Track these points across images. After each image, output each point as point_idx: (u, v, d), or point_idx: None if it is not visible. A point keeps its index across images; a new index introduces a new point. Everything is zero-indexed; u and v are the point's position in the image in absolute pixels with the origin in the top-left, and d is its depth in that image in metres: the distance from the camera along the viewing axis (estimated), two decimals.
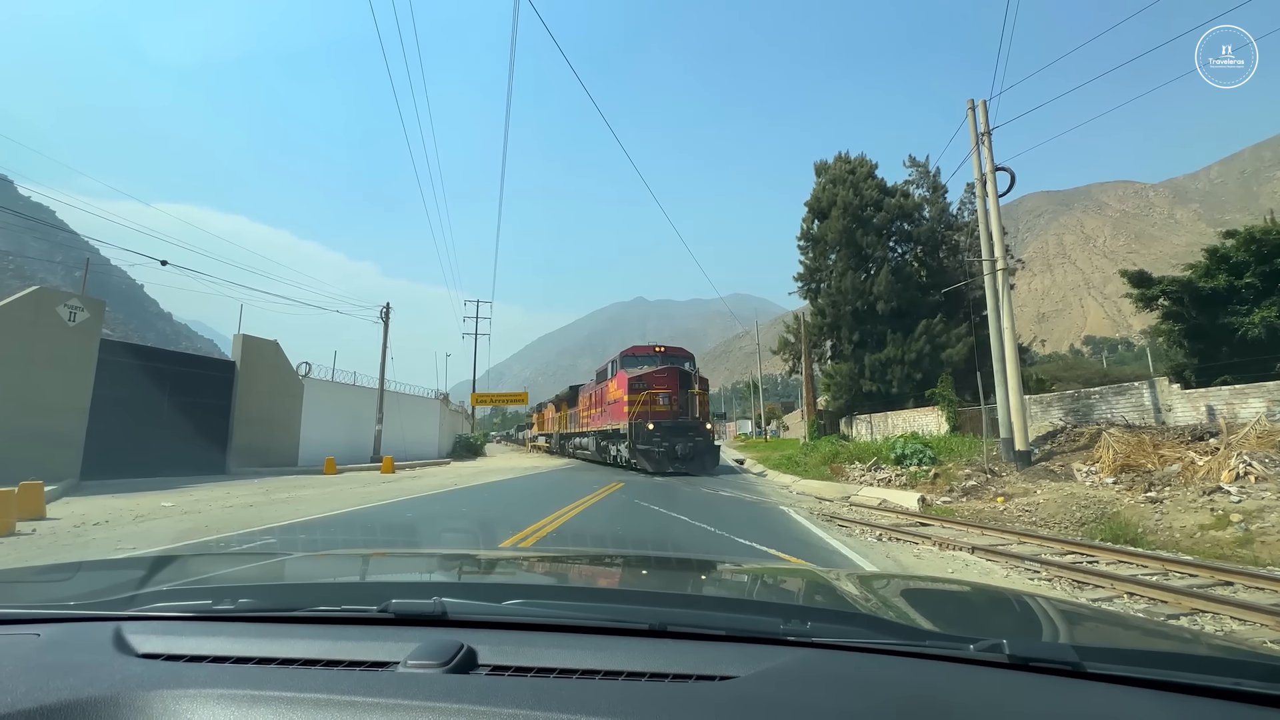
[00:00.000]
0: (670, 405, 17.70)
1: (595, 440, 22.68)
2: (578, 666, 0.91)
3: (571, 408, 29.41)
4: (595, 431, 22.49)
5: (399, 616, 1.09)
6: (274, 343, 20.52)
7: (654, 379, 18.02)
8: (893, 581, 2.18)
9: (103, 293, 18.14)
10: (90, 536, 6.94)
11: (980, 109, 14.84)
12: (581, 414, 26.02)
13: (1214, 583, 5.36)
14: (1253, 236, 13.71)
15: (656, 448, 16.65)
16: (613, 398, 19.75)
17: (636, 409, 17.34)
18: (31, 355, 12.84)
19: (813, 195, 28.21)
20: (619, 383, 18.95)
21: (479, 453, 35.79)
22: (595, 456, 23.17)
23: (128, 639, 1.04)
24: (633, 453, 17.31)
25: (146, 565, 1.68)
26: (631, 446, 17.29)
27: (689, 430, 17.32)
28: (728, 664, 0.92)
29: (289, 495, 11.62)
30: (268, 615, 1.16)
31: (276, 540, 6.56)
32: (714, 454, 18.12)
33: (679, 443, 16.79)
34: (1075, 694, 0.86)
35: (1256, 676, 0.87)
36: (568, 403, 30.81)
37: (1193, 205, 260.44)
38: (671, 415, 17.56)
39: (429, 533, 7.15)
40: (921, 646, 0.97)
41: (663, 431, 16.88)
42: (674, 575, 1.93)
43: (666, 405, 17.64)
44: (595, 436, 22.61)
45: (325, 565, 2.02)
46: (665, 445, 16.67)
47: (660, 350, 20.29)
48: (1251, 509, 7.41)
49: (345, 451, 22.80)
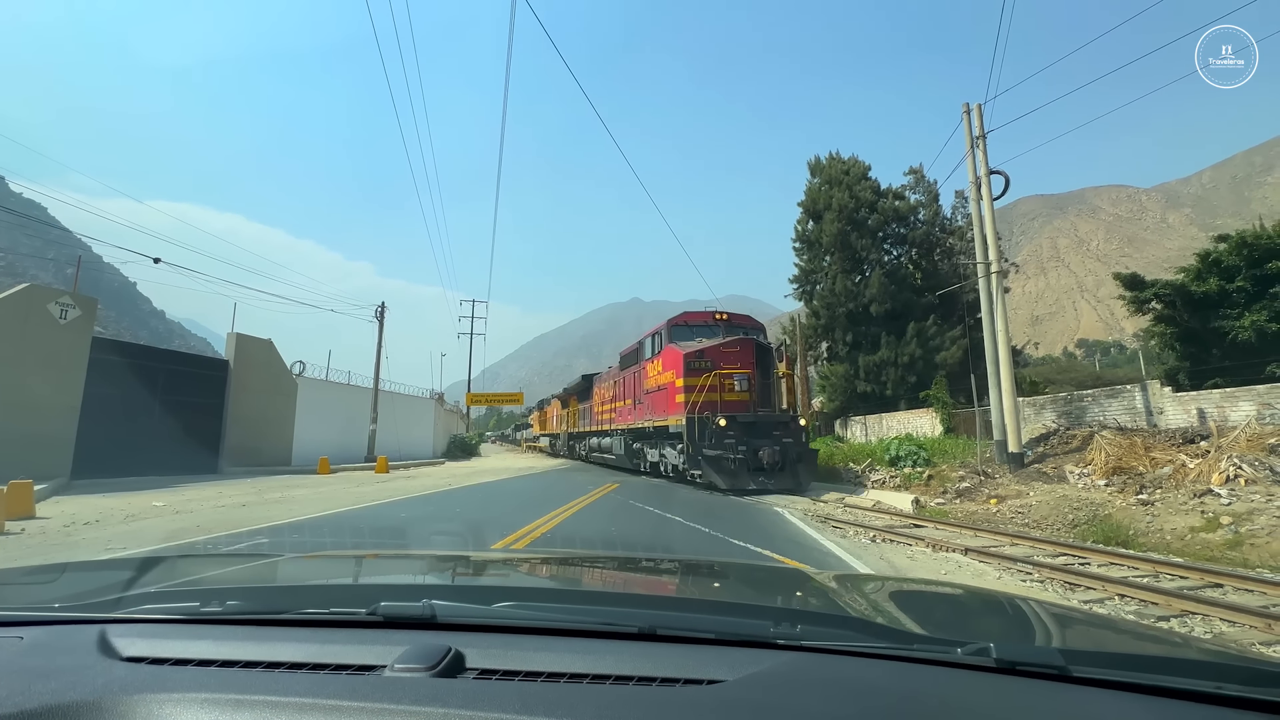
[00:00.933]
0: (749, 392, 12.91)
1: (624, 441, 17.73)
2: (566, 670, 0.91)
3: (584, 402, 24.78)
4: (625, 430, 17.65)
5: (387, 619, 1.09)
6: (268, 341, 20.42)
7: (722, 355, 13.13)
8: (884, 584, 2.18)
9: (95, 290, 18.04)
10: (80, 536, 6.88)
11: (975, 113, 14.92)
12: (600, 409, 21.20)
13: (1204, 585, 5.40)
14: (1243, 241, 13.84)
15: (731, 453, 11.71)
16: (655, 383, 14.87)
17: (698, 398, 12.49)
18: (22, 353, 12.72)
19: (807, 195, 28.27)
20: (668, 362, 14.10)
21: (474, 453, 35.74)
22: (624, 462, 18.11)
23: (112, 642, 1.03)
24: (692, 460, 12.39)
25: (133, 567, 1.67)
26: (690, 451, 12.39)
27: (775, 428, 12.55)
28: (715, 668, 0.92)
29: (282, 495, 11.56)
30: (255, 618, 1.15)
31: (268, 541, 6.52)
32: (811, 461, 12.86)
33: (763, 445, 11.92)
34: (1060, 697, 0.87)
35: (1239, 680, 0.87)
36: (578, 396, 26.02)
37: (1185, 210, 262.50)
38: (750, 406, 12.82)
39: (420, 534, 7.12)
40: (910, 650, 0.97)
41: (739, 429, 12.06)
42: (665, 577, 1.93)
43: (744, 392, 12.82)
44: (624, 436, 17.75)
45: (315, 567, 2.01)
46: (744, 449, 11.79)
47: (723, 317, 14.98)
48: (1241, 511, 7.47)
49: (339, 451, 22.70)
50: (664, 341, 14.81)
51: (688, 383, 12.77)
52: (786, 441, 12.29)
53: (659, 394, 14.53)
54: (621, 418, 18.03)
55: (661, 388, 14.36)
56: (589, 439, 23.29)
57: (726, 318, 15.07)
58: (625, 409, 17.73)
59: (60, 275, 74.11)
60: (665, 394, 14.04)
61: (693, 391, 12.60)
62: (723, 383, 12.77)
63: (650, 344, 15.86)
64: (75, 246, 55.22)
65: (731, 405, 12.60)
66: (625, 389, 17.87)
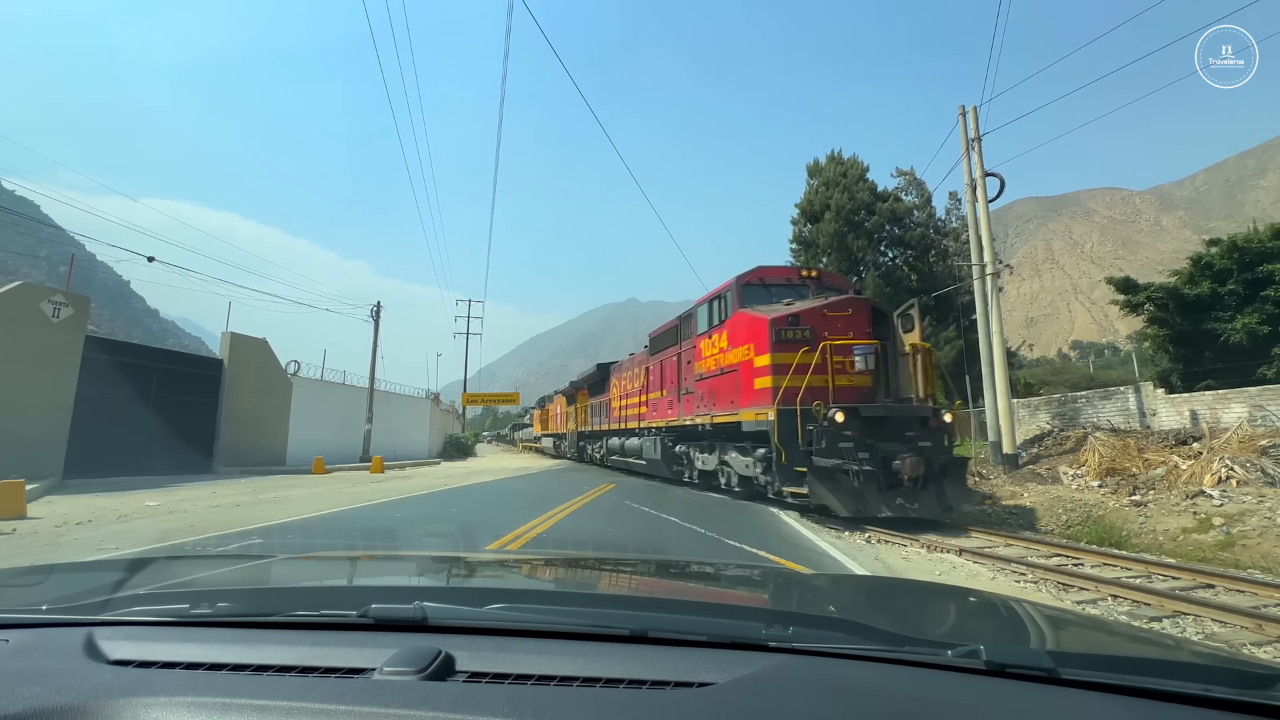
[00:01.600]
0: (872, 373, 8.87)
1: (658, 443, 13.74)
2: (556, 673, 0.91)
3: (597, 396, 21.29)
4: (662, 429, 13.82)
5: (378, 621, 1.08)
6: (263, 341, 20.34)
7: (827, 321, 9.10)
8: (877, 585, 2.19)
9: (88, 289, 17.93)
10: (72, 536, 6.84)
11: (971, 115, 14.99)
12: (621, 403, 17.50)
13: (1196, 585, 5.44)
14: (1235, 244, 13.96)
15: (852, 463, 7.87)
16: (716, 364, 10.83)
17: (794, 381, 8.58)
18: (14, 352, 12.63)
19: (804, 198, 28.34)
20: (740, 333, 9.99)
21: (470, 453, 35.68)
22: (658, 469, 14.11)
23: (99, 645, 1.02)
24: (785, 471, 8.50)
25: (123, 568, 1.66)
26: (782, 459, 8.48)
27: (910, 425, 8.45)
28: (706, 670, 0.92)
29: (276, 495, 11.51)
30: (245, 620, 1.15)
31: (260, 541, 6.49)
32: (959, 474, 8.67)
33: (898, 452, 8.02)
34: (1048, 700, 0.87)
35: (1227, 682, 0.88)
36: (590, 390, 22.65)
37: (1178, 212, 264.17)
38: (874, 394, 8.90)
39: (414, 535, 7.10)
40: (900, 652, 0.98)
41: (862, 428, 8.21)
42: (657, 579, 1.93)
43: (864, 373, 8.81)
44: (660, 437, 13.82)
45: (307, 569, 2.00)
46: (867, 457, 7.95)
47: (812, 275, 11.08)
48: (1233, 512, 7.53)
49: (334, 451, 22.62)
50: (731, 306, 10.56)
51: (777, 360, 8.89)
52: (924, 446, 8.19)
53: (722, 379, 10.56)
54: (656, 413, 14.26)
55: (727, 370, 10.40)
56: (606, 439, 19.58)
57: (817, 275, 11.10)
58: (661, 402, 13.98)
59: (53, 273, 73.63)
60: (735, 378, 10.03)
61: (785, 373, 8.70)
62: (837, 358, 8.80)
63: (707, 312, 11.56)
64: (68, 244, 54.86)
65: (846, 393, 8.73)
66: (660, 378, 14.12)
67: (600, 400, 20.80)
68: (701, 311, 11.93)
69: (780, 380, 8.77)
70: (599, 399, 21.00)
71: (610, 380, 19.51)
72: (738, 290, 10.61)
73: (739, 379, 9.93)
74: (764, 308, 9.97)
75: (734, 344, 10.26)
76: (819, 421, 8.29)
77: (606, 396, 19.74)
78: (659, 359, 14.43)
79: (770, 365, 9.00)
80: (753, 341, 9.55)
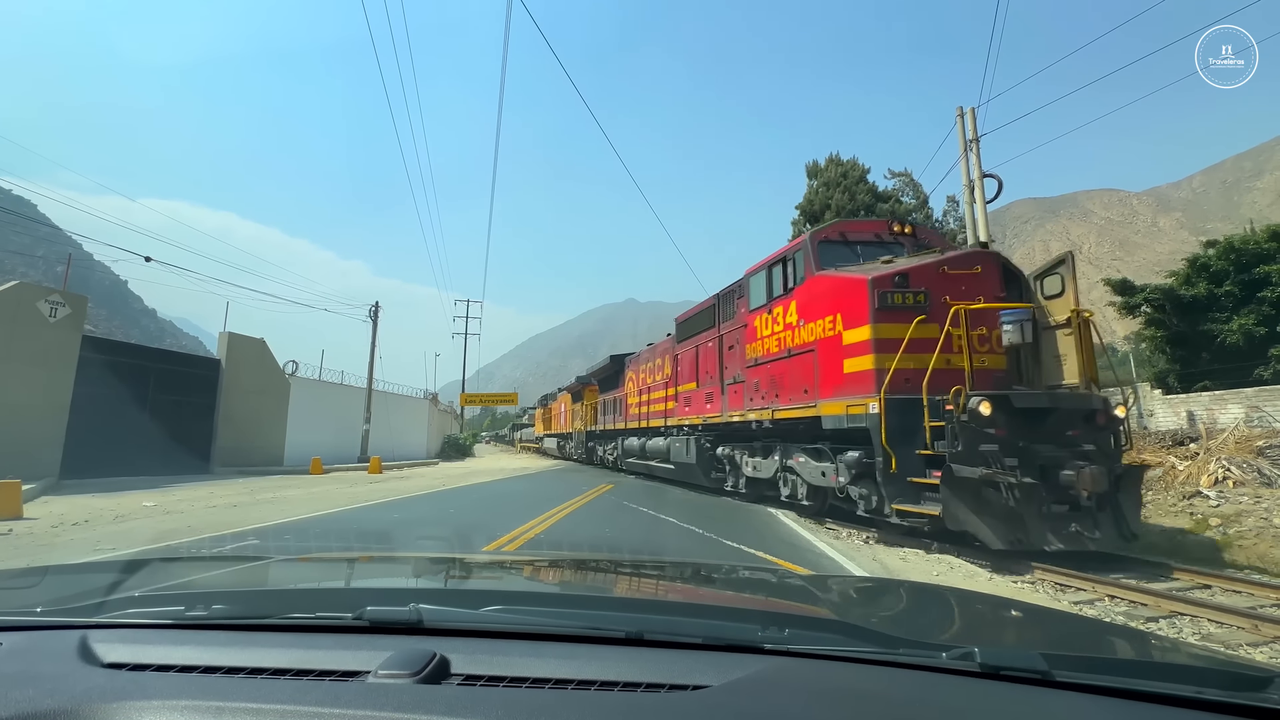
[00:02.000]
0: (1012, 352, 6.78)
1: (693, 443, 11.71)
2: (551, 676, 0.91)
3: (610, 392, 19.36)
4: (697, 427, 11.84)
5: (374, 624, 1.08)
6: (260, 341, 20.31)
7: (948, 282, 6.92)
8: (874, 586, 2.19)
9: (85, 289, 17.90)
10: (69, 537, 6.82)
11: (969, 116, 15.01)
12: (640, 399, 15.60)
13: (1192, 586, 5.45)
14: (1232, 246, 14.01)
15: (1005, 473, 5.58)
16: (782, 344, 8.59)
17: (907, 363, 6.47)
18: (11, 351, 12.61)
19: (805, 198, 28.39)
20: (823, 300, 7.76)
21: (468, 453, 35.65)
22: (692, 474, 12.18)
23: (93, 648, 1.02)
24: (894, 482, 6.42)
25: (118, 570, 1.65)
26: (891, 467, 6.39)
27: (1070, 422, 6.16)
28: (701, 673, 0.92)
29: (274, 495, 11.49)
30: (240, 623, 1.14)
31: (257, 542, 6.48)
32: (1137, 484, 6.36)
33: (1064, 457, 5.86)
34: (1042, 702, 0.87)
35: (1219, 685, 0.89)
36: (601, 385, 20.58)
37: (1175, 214, 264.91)
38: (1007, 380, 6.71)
39: (412, 536, 7.09)
40: (895, 655, 0.98)
41: (1009, 423, 5.89)
42: (654, 581, 1.93)
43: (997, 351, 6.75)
44: (695, 436, 11.84)
45: (303, 570, 2.00)
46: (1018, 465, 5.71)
47: (906, 230, 8.74)
48: (1229, 513, 7.55)
49: (332, 451, 22.59)
50: (803, 269, 8.22)
51: (881, 333, 6.69)
52: (1089, 449, 6.01)
53: (789, 363, 8.31)
54: (689, 408, 12.21)
55: (797, 351, 8.13)
56: (621, 440, 17.43)
57: (912, 231, 8.68)
58: (695, 395, 11.93)
59: (50, 273, 73.44)
60: (810, 360, 7.82)
61: (892, 350, 6.48)
62: (975, 329, 6.61)
63: (764, 281, 9.16)
64: (65, 244, 54.73)
65: (981, 378, 6.50)
66: (694, 367, 12.03)
67: (613, 396, 18.79)
68: (755, 282, 9.56)
69: (886, 360, 6.53)
70: (612, 395, 19.04)
71: (626, 374, 17.59)
72: (813, 248, 8.19)
73: (817, 361, 7.72)
74: (850, 267, 7.77)
75: (809, 317, 8.00)
76: (955, 415, 5.85)
77: (621, 392, 17.81)
78: (690, 346, 12.42)
79: (871, 340, 6.78)
80: (841, 310, 7.33)
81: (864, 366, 6.89)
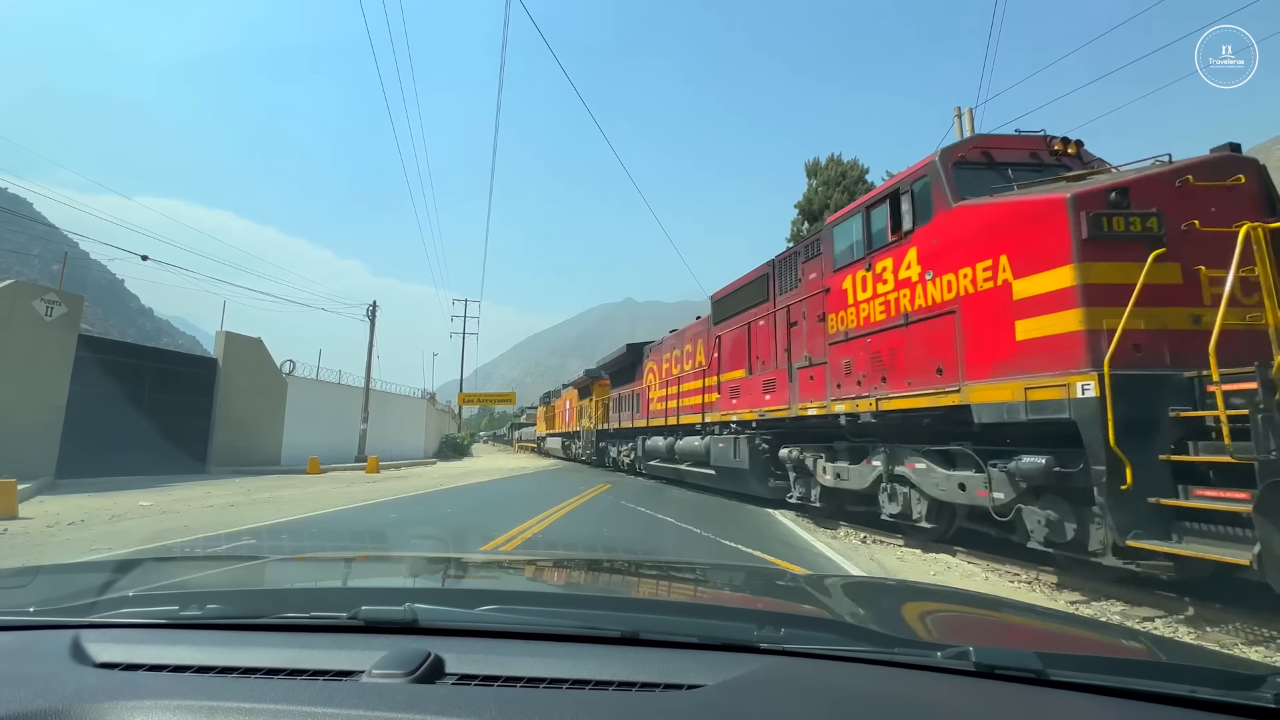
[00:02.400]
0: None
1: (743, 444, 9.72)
2: (546, 675, 0.91)
3: (624, 386, 17.52)
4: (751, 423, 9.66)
5: (368, 623, 1.08)
6: (257, 340, 20.27)
7: (1188, 200, 4.45)
8: (871, 586, 2.19)
9: (81, 287, 17.85)
10: (64, 536, 6.79)
11: (967, 116, 15.06)
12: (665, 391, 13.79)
13: None
14: None
15: None
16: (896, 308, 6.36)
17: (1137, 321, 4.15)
18: (6, 350, 12.56)
19: (804, 197, 28.45)
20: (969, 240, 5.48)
21: (465, 453, 35.64)
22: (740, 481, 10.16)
23: (85, 648, 1.01)
24: (1126, 509, 4.07)
25: (111, 570, 1.65)
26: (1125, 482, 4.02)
27: None
28: (696, 672, 0.92)
29: (270, 495, 11.47)
30: (233, 622, 1.14)
31: (253, 542, 6.47)
32: None
33: None
34: (1037, 701, 0.87)
35: (1214, 683, 0.89)
36: (614, 379, 18.86)
37: None
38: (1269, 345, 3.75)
39: (407, 536, 7.08)
40: (891, 654, 0.98)
41: None
42: (649, 580, 1.93)
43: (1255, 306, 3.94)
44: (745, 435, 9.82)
45: (298, 570, 1.99)
46: None
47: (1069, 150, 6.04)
48: None
49: (329, 451, 22.56)
50: (935, 200, 6.03)
51: (1093, 276, 4.51)
52: None
53: (908, 332, 6.24)
54: (737, 400, 10.12)
55: (920, 317, 6.07)
56: (642, 440, 15.41)
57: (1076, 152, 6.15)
58: (745, 385, 9.85)
59: (46, 272, 73.17)
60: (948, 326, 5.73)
61: (1114, 303, 4.29)
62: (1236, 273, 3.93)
63: (862, 225, 7.05)
64: (61, 243, 54.55)
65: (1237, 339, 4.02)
66: (746, 351, 9.88)
67: (630, 390, 16.74)
68: (843, 232, 7.44)
69: (1106, 316, 4.36)
70: (628, 389, 16.96)
71: (645, 364, 15.67)
72: (947, 171, 5.93)
73: (961, 327, 5.58)
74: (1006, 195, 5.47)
75: (944, 267, 5.79)
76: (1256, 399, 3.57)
77: (639, 385, 15.95)
78: (736, 325, 10.28)
79: (1078, 288, 4.54)
80: (1010, 251, 5.10)
81: (1062, 328, 4.68)
